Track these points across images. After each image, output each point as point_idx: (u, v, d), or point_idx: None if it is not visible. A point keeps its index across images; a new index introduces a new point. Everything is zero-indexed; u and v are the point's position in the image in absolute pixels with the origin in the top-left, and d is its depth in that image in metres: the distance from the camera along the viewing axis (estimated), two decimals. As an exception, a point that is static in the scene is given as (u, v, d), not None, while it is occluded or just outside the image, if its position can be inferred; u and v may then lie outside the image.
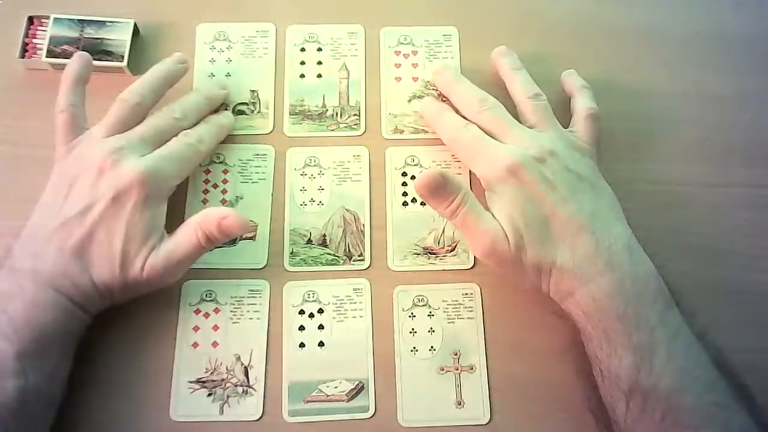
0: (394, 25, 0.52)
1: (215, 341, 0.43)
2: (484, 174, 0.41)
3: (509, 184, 0.39)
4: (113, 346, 0.42)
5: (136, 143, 0.41)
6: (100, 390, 0.41)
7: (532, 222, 0.39)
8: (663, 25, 0.53)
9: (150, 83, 0.44)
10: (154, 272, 0.39)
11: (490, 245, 0.39)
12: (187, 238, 0.40)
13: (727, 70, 0.51)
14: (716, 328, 0.39)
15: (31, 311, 0.37)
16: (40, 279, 0.37)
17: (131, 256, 0.39)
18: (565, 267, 0.38)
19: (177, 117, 0.43)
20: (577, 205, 0.39)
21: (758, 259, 0.46)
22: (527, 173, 0.39)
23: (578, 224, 0.38)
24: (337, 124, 0.49)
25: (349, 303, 0.44)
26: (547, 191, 0.39)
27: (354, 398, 0.41)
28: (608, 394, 0.38)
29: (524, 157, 0.40)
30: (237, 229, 0.40)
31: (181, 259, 0.40)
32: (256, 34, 0.51)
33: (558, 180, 0.39)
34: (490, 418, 0.41)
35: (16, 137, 0.47)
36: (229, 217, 0.39)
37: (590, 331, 0.38)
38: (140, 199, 0.39)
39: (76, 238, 0.38)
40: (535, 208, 0.39)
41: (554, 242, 0.39)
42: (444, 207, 0.40)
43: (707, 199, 0.47)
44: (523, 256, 0.39)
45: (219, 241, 0.40)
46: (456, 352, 0.43)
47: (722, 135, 0.49)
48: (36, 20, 0.49)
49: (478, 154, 0.42)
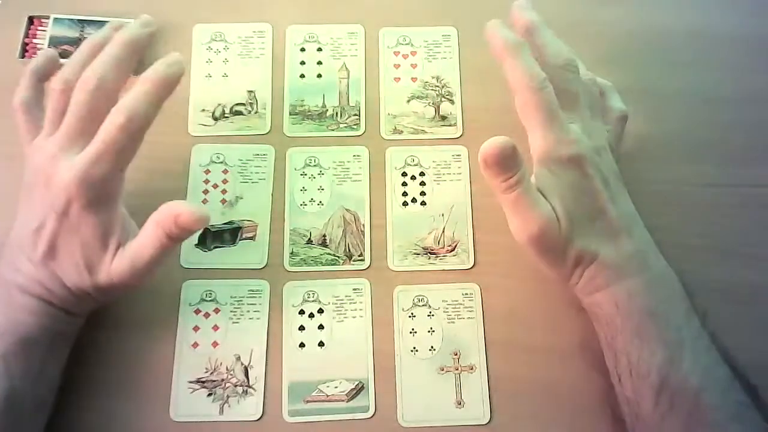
0: (393, 26, 0.52)
1: (215, 341, 0.43)
2: (545, 149, 0.38)
3: (570, 171, 0.38)
4: (113, 346, 0.42)
5: (65, 143, 0.37)
6: (100, 390, 0.41)
7: (586, 214, 0.38)
8: (663, 25, 0.53)
9: (77, 59, 0.39)
10: (122, 276, 0.37)
11: (539, 230, 0.37)
12: (149, 238, 0.37)
13: (727, 70, 0.51)
14: (716, 328, 0.39)
15: (13, 316, 0.36)
16: (17, 286, 0.37)
17: (95, 262, 0.37)
18: (606, 262, 0.38)
19: (93, 86, 0.37)
20: (624, 206, 0.39)
21: (759, 259, 0.46)
22: (590, 166, 0.38)
23: (622, 224, 0.39)
24: (337, 124, 0.49)
25: (349, 303, 0.44)
26: (603, 187, 0.38)
27: (354, 398, 0.41)
28: (634, 389, 0.37)
29: (590, 149, 0.39)
30: (194, 224, 0.36)
31: (147, 262, 0.37)
32: (253, 35, 0.51)
33: (610, 177, 0.39)
34: (490, 418, 0.41)
35: (16, 137, 0.47)
36: (182, 214, 0.35)
37: (620, 324, 0.38)
38: (81, 209, 0.36)
39: (40, 251, 0.37)
40: (591, 202, 0.38)
41: (600, 237, 0.38)
42: (501, 180, 0.37)
43: (707, 199, 0.47)
44: (568, 245, 0.38)
45: (182, 238, 0.37)
46: (456, 352, 0.43)
47: (722, 135, 0.49)
48: (36, 20, 0.49)
49: (547, 124, 0.38)
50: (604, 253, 0.38)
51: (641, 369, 0.37)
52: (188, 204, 0.36)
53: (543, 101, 0.38)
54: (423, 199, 0.47)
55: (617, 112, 0.44)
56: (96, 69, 0.38)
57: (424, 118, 0.49)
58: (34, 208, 0.37)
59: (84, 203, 0.36)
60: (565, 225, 0.37)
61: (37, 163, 0.38)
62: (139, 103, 0.37)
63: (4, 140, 0.47)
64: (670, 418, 0.36)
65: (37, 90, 0.41)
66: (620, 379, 0.38)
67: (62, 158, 0.36)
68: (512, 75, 0.38)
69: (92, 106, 0.37)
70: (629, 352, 0.38)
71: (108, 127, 0.36)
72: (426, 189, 0.47)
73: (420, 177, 0.47)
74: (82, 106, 0.37)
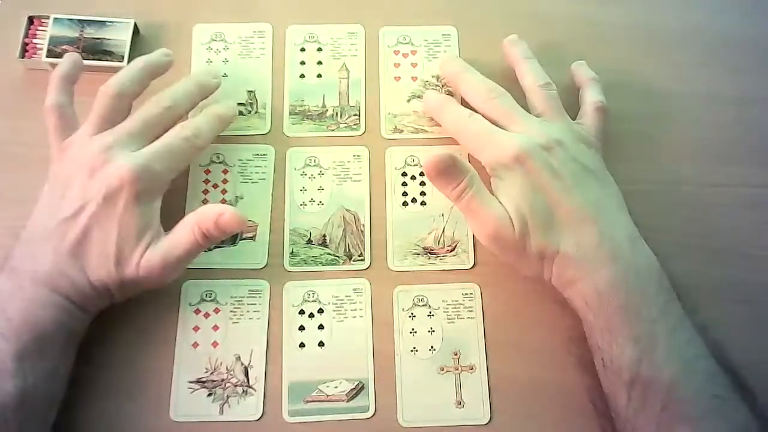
0: (393, 25, 0.52)
1: (215, 341, 0.43)
2: (490, 162, 0.41)
3: (515, 171, 0.39)
4: (113, 346, 0.42)
5: (124, 139, 0.40)
6: (100, 390, 0.41)
7: (537, 210, 0.39)
8: (663, 25, 0.53)
9: (129, 73, 0.43)
10: (151, 271, 0.39)
11: (494, 230, 0.39)
12: (184, 236, 0.39)
13: (727, 70, 0.51)
14: (717, 328, 0.40)
15: (29, 311, 0.37)
16: (38, 279, 0.37)
17: (126, 255, 0.38)
18: (569, 256, 0.38)
19: (166, 106, 0.42)
20: (582, 196, 0.39)
21: (759, 259, 0.46)
22: (534, 161, 0.39)
23: (582, 215, 0.39)
24: (337, 124, 0.49)
25: (349, 303, 0.44)
26: (553, 180, 0.39)
27: (354, 398, 0.41)
28: (609, 384, 0.38)
29: (531, 145, 0.40)
30: (235, 226, 0.39)
31: (178, 258, 0.39)
32: (253, 35, 0.51)
33: (564, 170, 0.40)
34: (490, 418, 0.41)
35: (16, 137, 0.47)
36: (225, 214, 0.38)
37: (592, 321, 0.39)
38: (131, 197, 0.38)
39: (72, 239, 0.38)
40: (540, 197, 0.39)
41: (558, 231, 0.39)
42: (450, 189, 0.40)
43: (707, 199, 0.47)
44: (527, 243, 0.39)
45: (217, 239, 0.40)
46: (456, 352, 0.43)
47: (722, 135, 0.49)
48: (36, 20, 0.49)
49: (485, 142, 0.41)
50: (564, 246, 0.39)
51: (614, 365, 0.37)
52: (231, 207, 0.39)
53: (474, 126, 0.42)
54: (423, 199, 0.47)
55: (592, 104, 0.45)
56: (174, 94, 0.43)
57: (425, 117, 0.49)
58: (70, 197, 0.39)
59: (135, 193, 0.38)
60: (518, 223, 0.39)
61: (83, 154, 0.40)
62: (205, 125, 0.43)
63: (4, 140, 0.47)
64: (643, 413, 0.36)
65: (69, 92, 0.42)
66: (599, 373, 0.39)
67: (120, 150, 0.39)
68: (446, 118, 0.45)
69: (159, 119, 0.42)
70: (602, 349, 0.38)
71: (175, 134, 0.41)
72: (426, 189, 0.47)
73: (420, 177, 0.47)
74: (151, 116, 0.42)
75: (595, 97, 0.45)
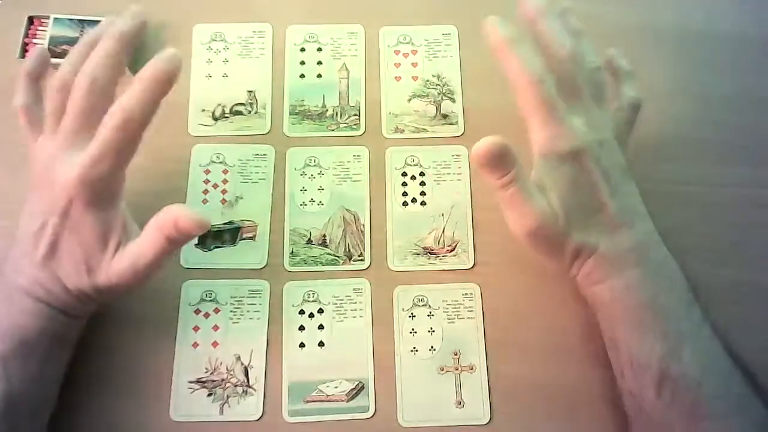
0: (393, 25, 0.52)
1: (215, 341, 0.43)
2: (544, 143, 0.38)
3: (570, 165, 0.38)
4: (113, 346, 0.42)
5: (65, 144, 0.37)
6: (100, 390, 0.41)
7: (584, 208, 0.38)
8: (663, 25, 0.53)
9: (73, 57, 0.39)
10: (121, 277, 0.37)
11: (535, 225, 0.37)
12: (149, 242, 0.37)
13: (727, 70, 0.51)
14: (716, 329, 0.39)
15: (13, 316, 0.37)
16: (19, 288, 0.37)
17: (95, 262, 0.37)
18: (605, 256, 0.38)
19: (88, 84, 0.37)
20: (624, 198, 0.39)
21: (758, 259, 0.46)
22: (589, 159, 0.38)
23: (624, 218, 0.38)
24: (337, 124, 0.49)
25: (349, 303, 0.44)
26: (602, 181, 0.38)
27: (354, 398, 0.41)
28: (636, 381, 0.38)
29: (590, 140, 0.38)
30: (193, 228, 0.35)
31: (147, 264, 0.37)
32: (253, 35, 0.51)
33: (612, 170, 0.39)
34: (490, 418, 0.41)
35: (17, 137, 0.47)
36: (181, 218, 0.35)
37: (619, 317, 0.38)
38: (82, 208, 0.36)
39: (41, 253, 0.37)
40: (590, 196, 0.38)
41: (600, 231, 0.38)
42: (496, 178, 0.37)
43: (707, 199, 0.47)
44: (566, 239, 0.38)
45: (182, 242, 0.37)
46: (456, 352, 0.43)
47: (722, 135, 0.49)
48: (36, 20, 0.49)
49: (547, 117, 0.37)
50: (603, 246, 0.38)
51: (642, 361, 0.37)
52: (188, 208, 0.36)
53: (541, 95, 0.37)
54: (423, 199, 0.47)
55: (629, 99, 0.43)
56: (88, 68, 0.37)
57: (426, 116, 0.49)
58: (36, 209, 0.37)
59: (84, 203, 0.36)
60: (563, 219, 0.38)
61: (40, 163, 0.38)
62: (135, 102, 0.36)
63: (4, 140, 0.47)
64: (672, 409, 0.36)
65: (35, 90, 0.41)
66: (623, 371, 0.38)
67: (62, 158, 0.37)
68: (510, 70, 0.38)
69: (87, 105, 0.37)
70: (630, 345, 0.38)
71: (105, 127, 0.36)
72: (426, 189, 0.47)
73: (420, 177, 0.47)
74: (77, 106, 0.37)
75: (633, 92, 0.44)
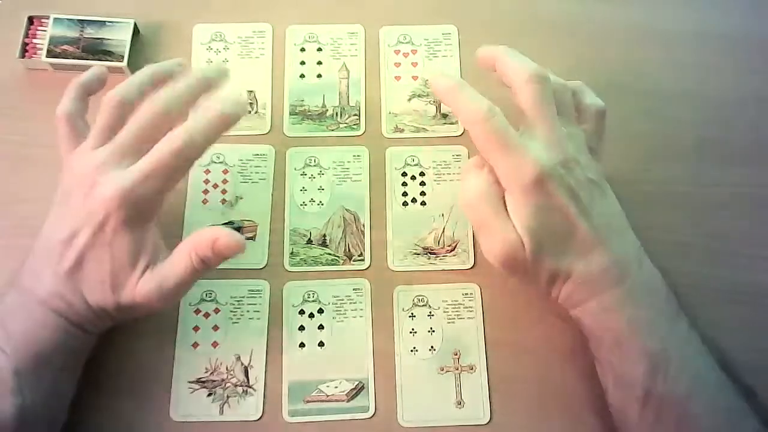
0: (393, 24, 0.52)
1: (215, 341, 0.43)
2: (506, 179, 0.37)
3: (534, 194, 0.36)
4: (113, 346, 0.42)
5: (117, 156, 0.37)
6: (100, 390, 0.41)
7: (553, 234, 0.37)
8: (663, 25, 0.53)
9: (135, 80, 0.40)
10: (148, 298, 0.37)
11: (502, 254, 0.37)
12: (181, 263, 0.37)
13: (727, 70, 0.51)
14: (716, 329, 0.40)
15: (29, 329, 0.36)
16: (39, 299, 0.37)
17: (121, 281, 0.37)
18: (580, 279, 0.37)
19: (159, 111, 0.38)
20: (597, 219, 0.38)
21: (758, 259, 0.46)
22: (553, 185, 0.36)
23: (597, 238, 0.37)
24: (337, 124, 0.49)
25: (349, 303, 0.44)
26: (570, 203, 0.37)
27: (354, 398, 0.41)
28: (619, 400, 0.38)
29: (551, 166, 0.37)
30: (233, 249, 0.36)
31: (175, 285, 0.37)
32: (253, 35, 0.51)
33: (580, 190, 0.37)
34: (490, 418, 0.41)
35: (16, 137, 0.47)
36: (221, 239, 0.36)
37: (601, 337, 0.38)
38: (118, 224, 0.36)
39: (67, 264, 0.36)
40: (558, 221, 0.37)
41: (572, 254, 0.37)
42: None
43: (707, 199, 0.47)
44: (538, 266, 0.37)
45: (215, 264, 0.37)
46: (456, 352, 0.43)
47: (722, 135, 0.49)
48: (36, 20, 0.49)
49: (503, 152, 0.37)
50: (577, 270, 0.37)
51: (625, 380, 0.37)
52: (227, 230, 0.37)
53: (492, 128, 0.37)
54: (423, 199, 0.47)
55: (593, 107, 0.42)
56: (166, 95, 0.38)
57: (426, 116, 0.49)
58: (67, 217, 0.37)
59: (122, 220, 0.36)
60: (531, 247, 0.36)
61: (80, 171, 0.37)
62: (199, 132, 0.37)
63: (4, 140, 0.47)
64: (657, 428, 0.36)
65: (82, 102, 0.41)
66: (608, 388, 0.38)
67: (110, 169, 0.36)
68: (460, 114, 0.39)
69: (150, 128, 0.38)
70: (612, 364, 0.38)
71: (162, 148, 0.36)
72: (426, 189, 0.47)
73: (420, 177, 0.47)
74: (140, 127, 0.38)
75: (594, 101, 0.42)
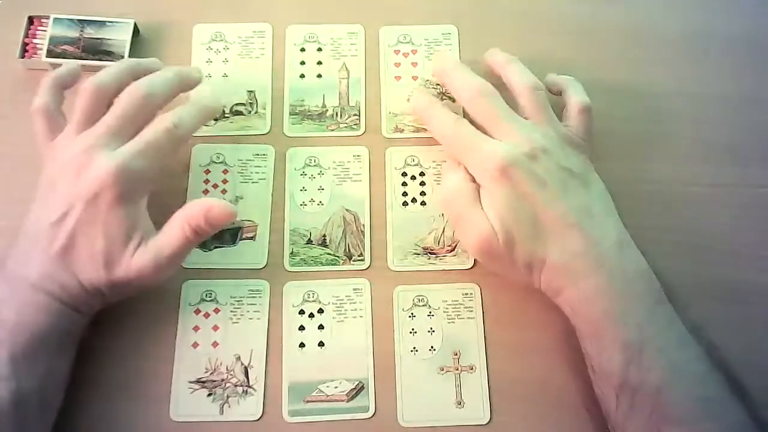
0: (393, 24, 0.52)
1: (215, 341, 0.43)
2: (476, 172, 0.41)
3: (501, 183, 0.39)
4: (113, 346, 0.42)
5: (104, 138, 0.39)
6: (100, 390, 0.41)
7: (522, 220, 0.39)
8: (663, 24, 0.53)
9: (114, 70, 0.42)
10: (142, 271, 0.38)
11: (478, 244, 0.39)
12: (174, 234, 0.39)
13: (727, 70, 0.51)
14: (715, 329, 0.40)
15: (22, 314, 0.37)
16: (30, 283, 0.37)
17: (115, 257, 0.38)
18: (555, 265, 0.38)
19: (142, 95, 0.40)
20: (568, 203, 0.39)
21: (758, 259, 0.46)
22: (518, 172, 0.39)
23: (568, 222, 0.38)
24: (337, 124, 0.49)
25: (349, 303, 0.44)
26: (538, 189, 0.39)
27: (354, 398, 0.41)
28: (599, 389, 0.38)
29: (515, 155, 0.39)
30: (224, 218, 0.39)
31: (170, 256, 0.38)
32: (253, 35, 0.51)
33: (549, 177, 0.39)
34: (490, 418, 0.41)
35: (16, 137, 0.47)
36: (213, 208, 0.38)
37: (580, 327, 0.39)
38: (113, 199, 0.37)
39: (59, 244, 0.37)
40: (525, 207, 0.39)
41: (545, 240, 0.39)
42: None
43: (707, 199, 0.47)
44: (514, 254, 0.39)
45: (208, 234, 0.39)
46: (456, 352, 0.43)
47: (722, 135, 0.49)
48: (36, 20, 0.49)
49: (470, 151, 0.41)
50: (551, 255, 0.38)
51: (603, 370, 0.38)
52: (218, 200, 0.39)
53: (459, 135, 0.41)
54: (423, 199, 0.47)
55: (577, 105, 0.43)
56: (147, 81, 0.41)
57: (425, 117, 0.49)
58: (57, 200, 0.38)
59: (116, 195, 0.37)
60: (503, 235, 0.38)
61: (66, 155, 0.39)
62: (188, 116, 0.41)
63: (4, 140, 0.47)
64: (632, 417, 0.36)
65: (58, 95, 0.42)
66: (592, 379, 0.39)
67: (101, 150, 0.38)
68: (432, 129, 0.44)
69: (137, 111, 0.40)
70: (591, 355, 0.38)
71: (155, 127, 0.40)
72: (426, 189, 0.47)
73: (420, 177, 0.47)
74: (128, 109, 0.40)
75: (579, 98, 0.44)
